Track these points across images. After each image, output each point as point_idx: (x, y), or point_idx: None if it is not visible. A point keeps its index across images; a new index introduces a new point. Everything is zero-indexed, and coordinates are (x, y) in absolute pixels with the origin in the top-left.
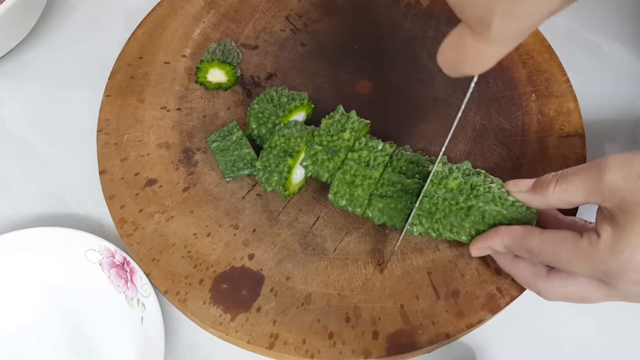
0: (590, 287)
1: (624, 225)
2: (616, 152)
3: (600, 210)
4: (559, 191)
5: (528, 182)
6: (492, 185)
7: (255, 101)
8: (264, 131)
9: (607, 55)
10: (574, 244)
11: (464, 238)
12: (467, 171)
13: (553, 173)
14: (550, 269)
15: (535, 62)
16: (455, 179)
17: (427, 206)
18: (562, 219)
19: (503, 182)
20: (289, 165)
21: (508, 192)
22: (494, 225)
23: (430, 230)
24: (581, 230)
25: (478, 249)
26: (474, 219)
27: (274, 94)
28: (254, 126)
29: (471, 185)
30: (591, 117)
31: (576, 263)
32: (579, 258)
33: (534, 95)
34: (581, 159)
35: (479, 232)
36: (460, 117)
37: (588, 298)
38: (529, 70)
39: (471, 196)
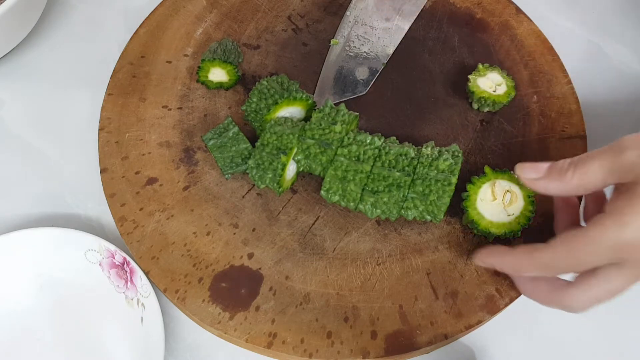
0: (610, 276)
1: (635, 195)
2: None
3: (614, 190)
4: (578, 175)
5: (541, 167)
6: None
7: (264, 79)
8: (262, 106)
9: (609, 57)
10: (583, 234)
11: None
12: (456, 153)
13: (568, 159)
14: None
15: (537, 63)
16: (445, 160)
17: (421, 189)
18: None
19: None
20: (283, 162)
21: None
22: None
23: (425, 213)
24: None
25: (482, 263)
26: None
27: (285, 80)
28: (254, 99)
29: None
30: (592, 119)
31: (591, 251)
32: (592, 244)
33: (535, 96)
34: None
35: None
36: (461, 118)
37: (614, 289)
38: (530, 71)
39: None
